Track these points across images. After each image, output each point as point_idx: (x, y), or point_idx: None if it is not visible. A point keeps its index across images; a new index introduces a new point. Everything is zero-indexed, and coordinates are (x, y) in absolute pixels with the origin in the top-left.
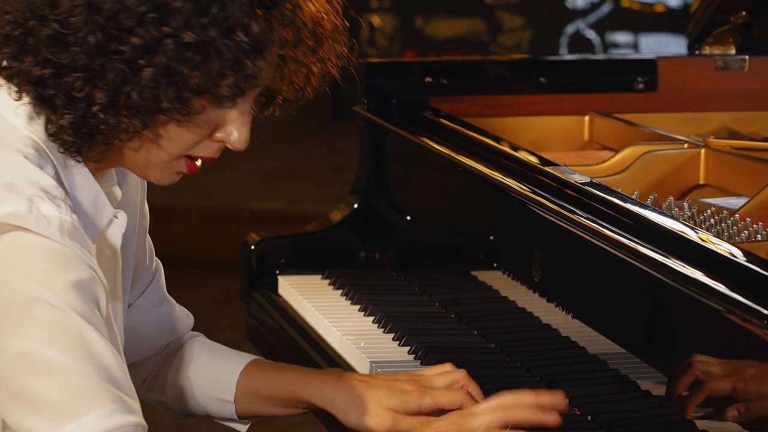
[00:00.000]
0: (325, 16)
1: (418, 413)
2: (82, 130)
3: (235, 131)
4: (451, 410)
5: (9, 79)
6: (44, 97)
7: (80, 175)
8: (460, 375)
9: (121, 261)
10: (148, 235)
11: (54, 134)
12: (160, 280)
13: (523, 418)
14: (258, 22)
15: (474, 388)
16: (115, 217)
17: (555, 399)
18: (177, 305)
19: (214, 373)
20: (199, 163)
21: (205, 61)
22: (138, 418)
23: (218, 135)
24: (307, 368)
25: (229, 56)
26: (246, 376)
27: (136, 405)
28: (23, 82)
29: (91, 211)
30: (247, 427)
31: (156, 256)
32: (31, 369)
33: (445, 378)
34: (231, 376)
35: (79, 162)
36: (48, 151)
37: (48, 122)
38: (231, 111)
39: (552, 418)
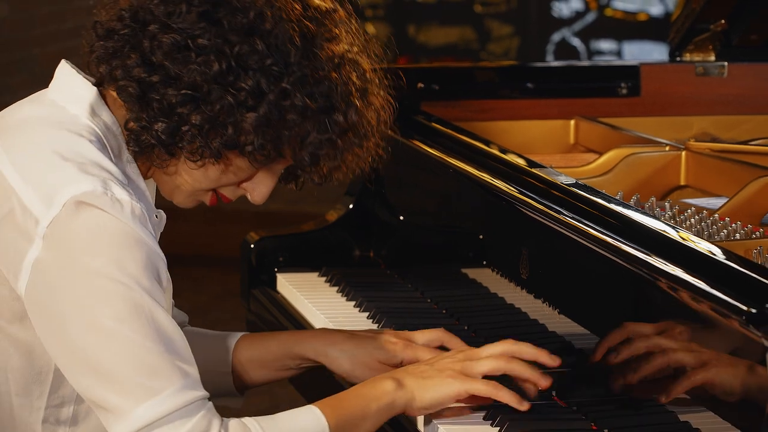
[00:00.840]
0: (382, 113)
1: (400, 365)
2: (165, 139)
3: (260, 187)
4: None
5: (110, 73)
6: (145, 99)
7: (131, 171)
8: (438, 334)
9: None
10: None
11: (136, 132)
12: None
13: (520, 372)
14: (356, 109)
15: (455, 343)
16: (156, 216)
17: (551, 360)
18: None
19: (210, 350)
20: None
21: (300, 125)
22: (201, 390)
23: (245, 185)
24: (297, 330)
25: (322, 129)
26: (240, 347)
27: (197, 375)
28: (126, 78)
29: (141, 197)
30: (241, 401)
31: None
32: (107, 344)
33: (425, 335)
34: (226, 349)
35: (131, 161)
36: (106, 142)
37: (136, 119)
38: (266, 170)
39: (545, 382)
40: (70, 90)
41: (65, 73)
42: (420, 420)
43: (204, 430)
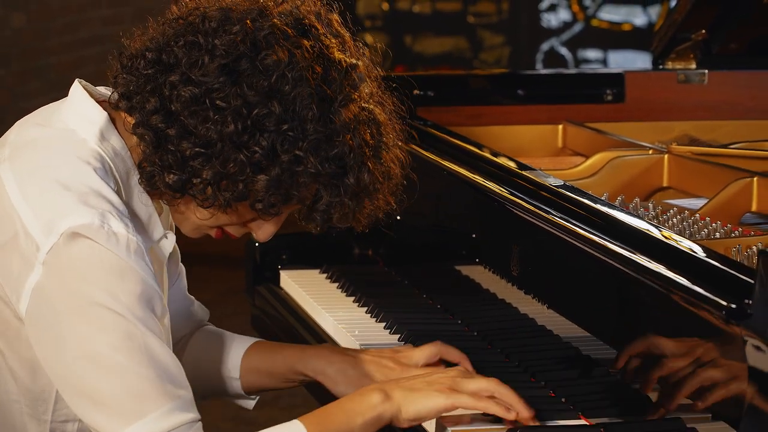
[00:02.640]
0: (393, 167)
1: None
2: (175, 188)
3: (266, 228)
4: None
5: (129, 111)
6: (160, 147)
7: (139, 193)
8: (435, 349)
9: (173, 269)
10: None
11: (147, 174)
12: (183, 280)
13: (506, 397)
14: (368, 170)
15: (453, 354)
16: (165, 237)
17: (527, 412)
18: (196, 301)
19: (222, 354)
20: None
21: (310, 186)
22: (193, 413)
23: (251, 225)
24: (303, 345)
25: (334, 193)
26: (249, 355)
27: (190, 398)
28: (144, 125)
29: (146, 223)
30: (254, 403)
31: None
32: (99, 370)
33: (423, 353)
34: (237, 355)
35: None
36: (113, 167)
37: (150, 162)
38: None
39: (526, 413)
40: (82, 113)
41: (78, 95)
42: (431, 426)
43: None
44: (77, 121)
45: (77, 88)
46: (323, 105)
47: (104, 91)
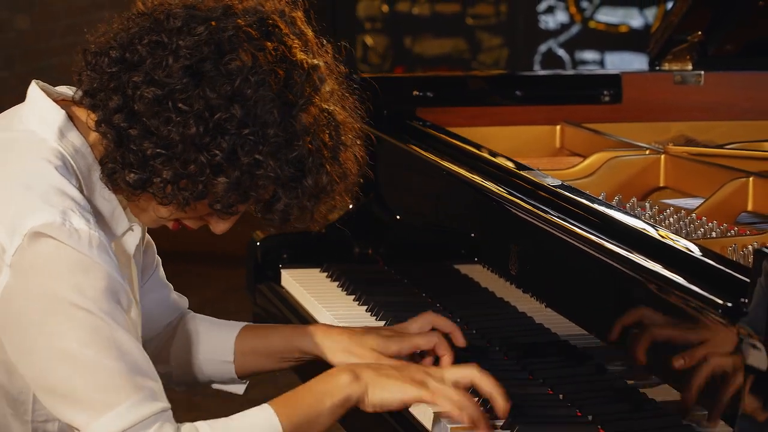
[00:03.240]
0: (351, 166)
1: (398, 355)
2: (135, 185)
3: (223, 224)
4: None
5: (92, 108)
6: (121, 146)
7: (101, 188)
8: (430, 317)
9: (136, 265)
10: (148, 234)
11: (109, 170)
12: (160, 269)
13: (484, 386)
14: (326, 172)
15: (444, 323)
16: (131, 229)
17: (504, 402)
18: (172, 289)
19: (214, 339)
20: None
21: (269, 187)
22: (162, 402)
23: (208, 219)
24: (297, 324)
25: (292, 195)
26: (242, 337)
27: (159, 388)
28: (106, 123)
29: (108, 218)
30: (245, 387)
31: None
32: (69, 367)
33: (416, 322)
34: (229, 339)
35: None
36: (74, 164)
37: (111, 160)
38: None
39: (503, 403)
40: (40, 114)
41: (35, 96)
42: (428, 420)
43: None
44: (36, 122)
45: (34, 89)
46: (284, 109)
47: (63, 90)
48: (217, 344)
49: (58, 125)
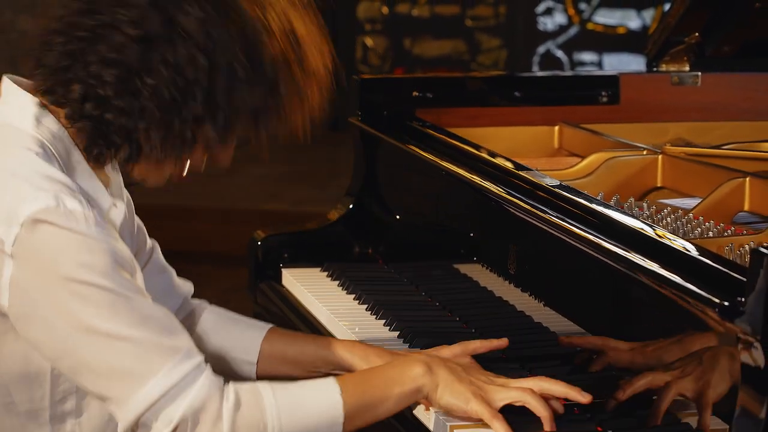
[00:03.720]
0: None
1: None
2: (124, 160)
3: (224, 155)
4: None
5: (58, 105)
6: (100, 132)
7: (81, 170)
8: (464, 346)
9: (128, 242)
10: (137, 217)
11: (97, 156)
12: (158, 253)
13: (535, 408)
14: (297, 78)
15: (477, 346)
16: (114, 205)
17: (582, 396)
18: (175, 273)
19: (240, 337)
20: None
21: (250, 121)
22: (198, 355)
23: (209, 154)
24: (325, 337)
25: (275, 108)
26: (270, 340)
27: (189, 342)
28: (78, 116)
29: (92, 196)
30: None
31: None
32: (96, 343)
33: (451, 349)
34: (256, 339)
35: (81, 161)
36: (53, 149)
37: (95, 145)
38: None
39: (550, 427)
40: (14, 104)
41: (8, 89)
42: (429, 418)
43: (204, 399)
44: (12, 114)
45: (6, 83)
46: (246, 42)
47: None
48: (242, 343)
49: (33, 113)
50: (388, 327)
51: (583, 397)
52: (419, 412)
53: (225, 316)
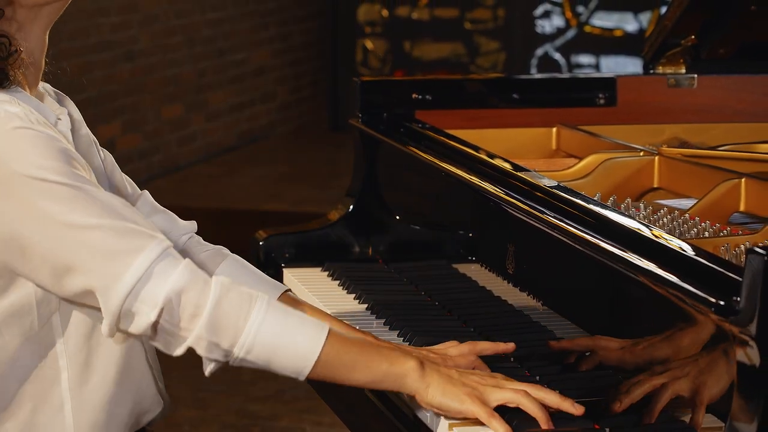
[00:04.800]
0: None
1: None
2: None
3: None
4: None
5: None
6: None
7: (20, 95)
8: (471, 346)
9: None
10: (119, 170)
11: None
12: (149, 197)
13: (531, 410)
14: None
15: (486, 347)
16: (59, 118)
17: (575, 409)
18: (176, 216)
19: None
20: None
21: None
22: (166, 241)
23: None
24: (329, 315)
25: None
26: (280, 300)
27: (157, 229)
28: None
29: (36, 109)
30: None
31: None
32: (72, 238)
33: (459, 348)
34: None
35: (18, 89)
36: None
37: None
38: None
39: (574, 412)
40: None
41: None
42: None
43: (188, 281)
44: None
45: None
46: None
47: None
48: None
49: None
50: (388, 326)
51: (575, 410)
52: (416, 406)
53: (244, 266)
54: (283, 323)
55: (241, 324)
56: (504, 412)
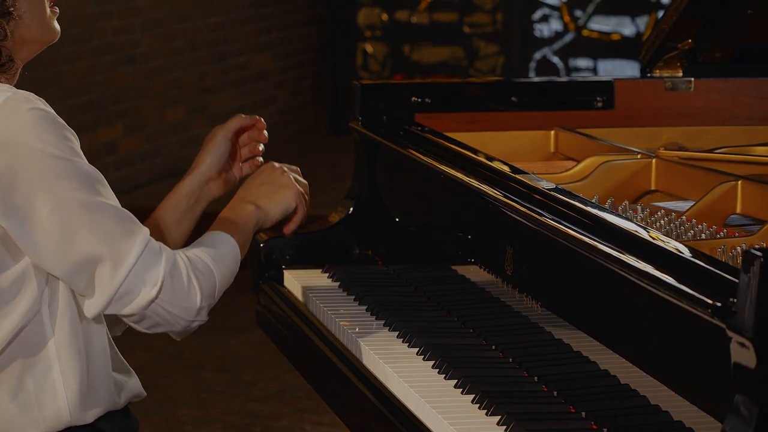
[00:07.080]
0: None
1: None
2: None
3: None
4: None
5: None
6: None
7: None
8: (231, 124)
9: None
10: None
11: None
12: None
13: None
14: None
15: (246, 120)
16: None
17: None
18: None
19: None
20: None
21: None
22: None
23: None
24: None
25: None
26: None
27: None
28: None
29: None
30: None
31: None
32: (82, 212)
33: (223, 130)
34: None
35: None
36: None
37: None
38: None
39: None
40: None
41: None
42: (428, 416)
43: (173, 258)
44: None
45: None
46: None
47: None
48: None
49: None
50: (388, 327)
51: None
52: (417, 409)
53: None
54: (221, 255)
55: (214, 280)
56: (504, 412)
